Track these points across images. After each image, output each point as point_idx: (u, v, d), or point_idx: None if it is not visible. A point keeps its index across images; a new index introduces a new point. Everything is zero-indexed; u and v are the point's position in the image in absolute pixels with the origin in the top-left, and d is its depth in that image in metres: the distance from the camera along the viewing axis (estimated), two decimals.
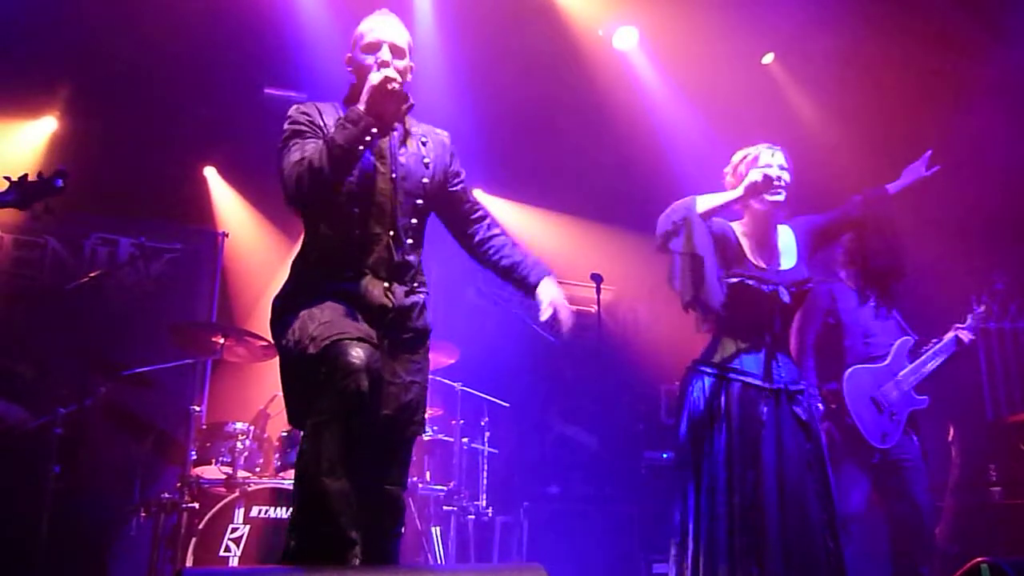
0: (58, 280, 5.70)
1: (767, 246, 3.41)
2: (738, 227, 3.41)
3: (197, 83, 5.78)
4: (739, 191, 3.22)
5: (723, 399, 3.24)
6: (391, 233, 2.67)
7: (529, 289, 2.85)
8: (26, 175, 3.43)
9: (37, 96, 5.88)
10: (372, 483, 2.56)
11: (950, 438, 5.22)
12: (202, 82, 5.80)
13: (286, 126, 2.67)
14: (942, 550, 5.02)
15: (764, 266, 3.35)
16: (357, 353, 2.38)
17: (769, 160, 3.44)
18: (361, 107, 2.53)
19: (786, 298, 3.29)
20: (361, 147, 2.53)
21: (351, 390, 2.35)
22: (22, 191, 3.40)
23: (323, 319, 2.50)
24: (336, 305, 2.55)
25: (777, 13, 5.61)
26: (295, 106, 2.72)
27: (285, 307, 2.63)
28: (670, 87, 6.15)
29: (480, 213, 2.96)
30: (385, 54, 2.68)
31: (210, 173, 6.61)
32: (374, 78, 2.56)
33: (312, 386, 2.41)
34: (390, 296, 2.63)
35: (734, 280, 3.26)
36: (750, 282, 3.27)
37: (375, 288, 2.62)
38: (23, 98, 5.82)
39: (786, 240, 3.49)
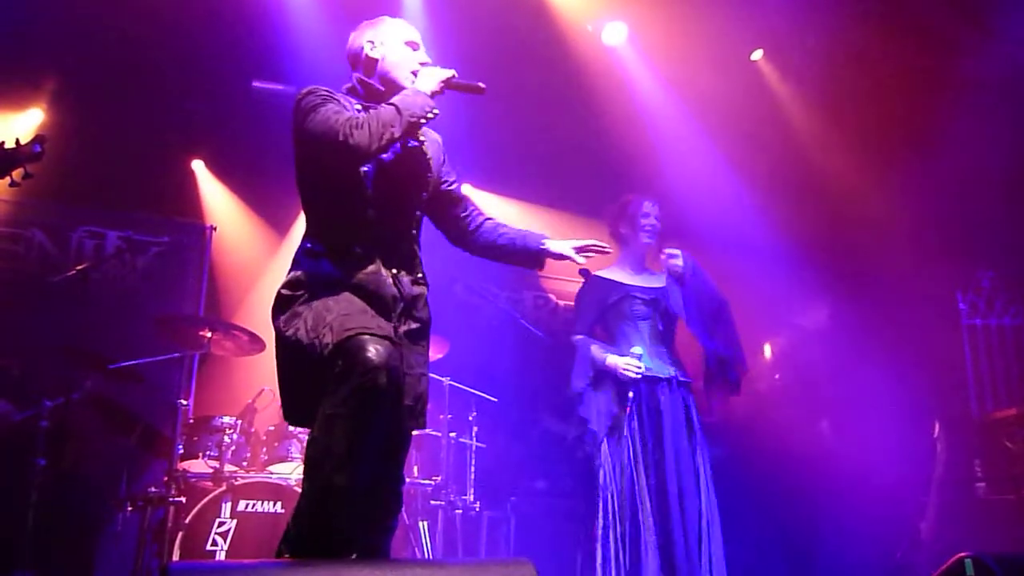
0: (44, 273, 5.66)
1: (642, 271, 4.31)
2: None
3: (185, 76, 5.76)
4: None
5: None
6: (406, 223, 2.73)
7: (534, 253, 2.96)
8: (2, 142, 3.38)
9: (23, 88, 5.84)
10: (376, 476, 2.55)
11: (935, 434, 5.25)
12: (190, 75, 5.77)
13: (314, 97, 2.63)
14: (926, 545, 5.05)
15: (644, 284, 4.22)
16: (377, 350, 2.35)
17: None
18: (427, 91, 2.63)
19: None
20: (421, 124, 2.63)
21: (369, 387, 2.32)
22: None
23: (341, 311, 2.48)
24: (352, 297, 2.54)
25: (766, 9, 5.64)
26: (308, 88, 2.68)
27: (294, 297, 2.59)
28: (659, 82, 6.16)
29: (471, 207, 3.02)
30: (424, 55, 2.82)
31: (198, 166, 6.57)
32: (443, 72, 2.69)
33: (327, 378, 2.38)
34: (398, 285, 2.64)
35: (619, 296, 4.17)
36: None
37: (387, 277, 2.63)
38: (9, 90, 5.77)
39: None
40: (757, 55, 6.17)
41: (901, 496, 5.37)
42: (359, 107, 2.68)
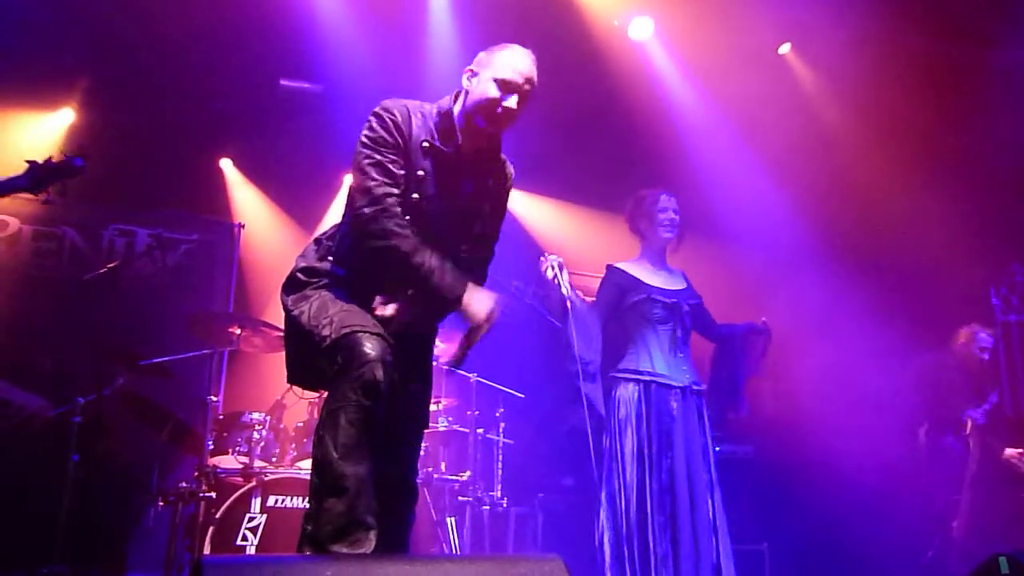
0: (76, 271, 5.74)
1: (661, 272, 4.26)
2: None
3: (213, 76, 5.80)
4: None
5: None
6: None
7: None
8: (48, 159, 3.39)
9: (55, 88, 5.92)
10: (387, 469, 2.57)
11: (968, 432, 5.19)
12: (218, 75, 5.82)
13: (370, 132, 2.59)
14: (958, 544, 5.00)
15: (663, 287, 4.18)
16: (372, 344, 2.42)
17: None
18: (462, 294, 2.55)
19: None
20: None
21: (367, 379, 2.37)
22: (35, 175, 3.35)
23: (343, 307, 2.54)
24: (359, 299, 2.59)
25: (793, 2, 5.57)
26: (383, 106, 2.62)
27: (309, 281, 2.65)
28: (686, 77, 6.12)
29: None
30: (512, 101, 2.63)
31: (226, 165, 6.63)
32: (484, 316, 2.60)
33: (324, 370, 2.47)
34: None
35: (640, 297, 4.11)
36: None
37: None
38: (41, 90, 5.86)
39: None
40: (784, 48, 6.11)
41: (932, 494, 5.31)
42: (426, 143, 2.62)
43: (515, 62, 2.67)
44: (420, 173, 2.61)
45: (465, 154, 2.68)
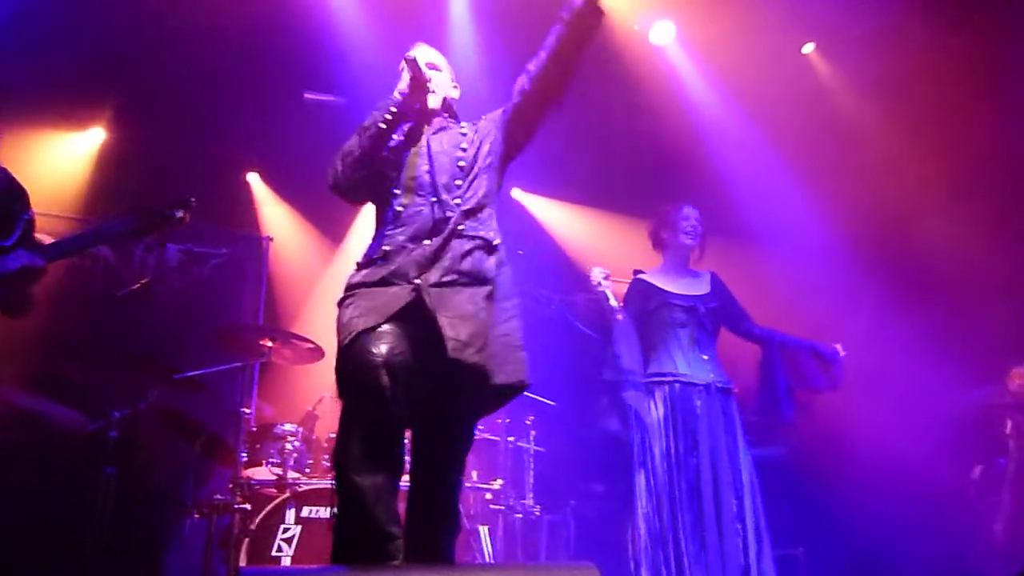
0: (110, 287, 5.81)
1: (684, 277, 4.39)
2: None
3: (239, 91, 5.86)
4: None
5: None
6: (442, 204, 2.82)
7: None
8: (152, 206, 3.34)
9: (86, 108, 6.02)
10: (421, 476, 2.57)
11: (1008, 430, 5.10)
12: (244, 90, 5.88)
13: None
14: (1000, 547, 4.91)
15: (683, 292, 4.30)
16: (378, 349, 2.44)
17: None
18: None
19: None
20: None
21: (372, 386, 2.39)
22: (142, 223, 3.27)
23: (352, 314, 2.57)
24: (369, 291, 2.65)
25: (815, 0, 5.53)
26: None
27: (344, 299, 2.74)
28: (708, 80, 6.09)
29: (520, 84, 2.96)
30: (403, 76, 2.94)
31: (253, 179, 6.70)
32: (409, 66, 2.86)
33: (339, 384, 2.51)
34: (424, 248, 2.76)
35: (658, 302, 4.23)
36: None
37: (411, 247, 2.77)
38: (72, 110, 5.96)
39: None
40: (808, 48, 6.06)
41: (972, 496, 5.22)
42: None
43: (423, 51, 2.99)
44: None
45: None
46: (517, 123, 2.90)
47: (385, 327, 2.49)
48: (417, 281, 2.58)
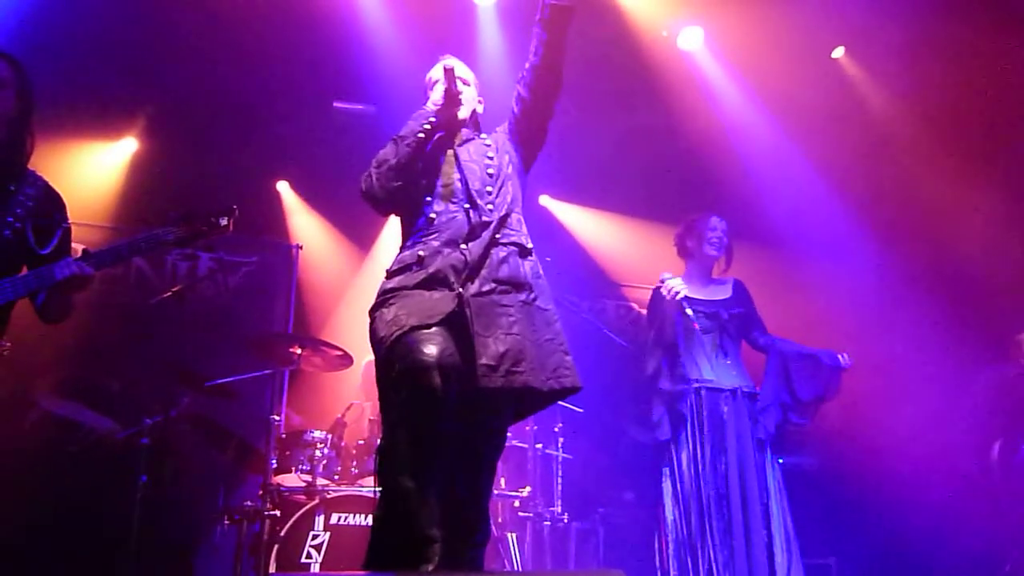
0: (142, 295, 5.88)
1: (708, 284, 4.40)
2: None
3: (269, 101, 5.93)
4: None
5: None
6: (477, 209, 2.87)
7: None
8: (193, 212, 3.26)
9: (118, 118, 6.10)
10: (455, 488, 2.57)
11: None
12: (274, 99, 5.94)
13: None
14: None
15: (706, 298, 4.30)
16: (430, 350, 2.44)
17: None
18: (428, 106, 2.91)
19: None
20: None
21: (424, 388, 2.40)
22: (189, 231, 3.22)
23: (397, 311, 2.60)
24: (414, 292, 2.67)
25: (846, 4, 5.48)
26: None
27: (382, 301, 2.77)
28: (738, 86, 6.05)
29: (516, 95, 2.99)
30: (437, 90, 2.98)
31: (283, 187, 6.75)
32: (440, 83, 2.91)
33: (387, 383, 2.51)
34: (464, 253, 2.76)
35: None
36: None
37: (450, 251, 2.80)
38: (106, 121, 6.04)
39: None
40: (838, 53, 6.00)
41: (1008, 503, 5.13)
42: None
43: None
44: None
45: None
46: (526, 131, 2.99)
47: (434, 328, 2.51)
48: (459, 289, 2.60)
